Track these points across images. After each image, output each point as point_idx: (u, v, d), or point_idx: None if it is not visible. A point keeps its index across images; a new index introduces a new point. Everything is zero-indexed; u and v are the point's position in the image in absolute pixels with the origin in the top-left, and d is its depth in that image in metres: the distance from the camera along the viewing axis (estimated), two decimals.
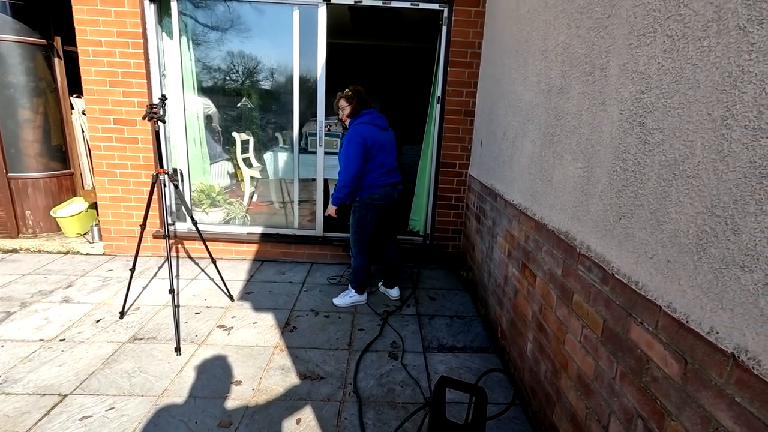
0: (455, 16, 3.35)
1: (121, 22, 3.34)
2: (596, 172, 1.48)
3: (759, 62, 0.85)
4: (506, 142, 2.59)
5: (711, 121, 0.97)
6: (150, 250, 3.83)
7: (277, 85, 4.07)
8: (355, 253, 2.98)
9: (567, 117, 1.75)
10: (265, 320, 2.80)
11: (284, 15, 3.44)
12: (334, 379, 2.22)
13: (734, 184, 0.90)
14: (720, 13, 0.96)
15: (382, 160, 2.78)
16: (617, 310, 1.31)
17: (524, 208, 2.19)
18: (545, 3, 2.06)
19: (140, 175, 3.65)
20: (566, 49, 1.79)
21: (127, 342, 2.48)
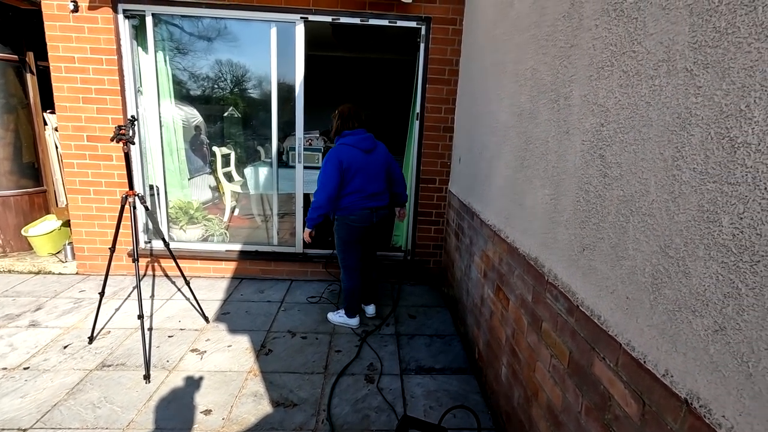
0: (433, 33, 3.37)
1: (95, 38, 3.29)
2: (562, 200, 1.48)
3: (704, 106, 0.85)
4: (483, 161, 2.60)
5: (663, 160, 0.97)
6: (126, 269, 3.74)
7: (256, 100, 4.04)
8: (342, 276, 2.94)
9: (536, 142, 1.75)
10: (240, 343, 2.75)
11: (262, 32, 3.43)
12: (308, 406, 2.17)
13: (684, 226, 0.89)
14: (669, 54, 0.96)
15: (360, 184, 2.70)
16: (582, 342, 1.30)
17: (498, 230, 2.19)
18: (517, 27, 2.07)
19: (115, 192, 3.57)
20: (534, 75, 1.80)
21: (94, 369, 2.40)
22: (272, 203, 3.94)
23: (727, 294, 0.78)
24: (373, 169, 2.76)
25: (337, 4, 3.27)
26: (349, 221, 2.78)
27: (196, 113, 4.30)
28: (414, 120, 3.63)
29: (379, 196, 2.83)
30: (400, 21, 3.36)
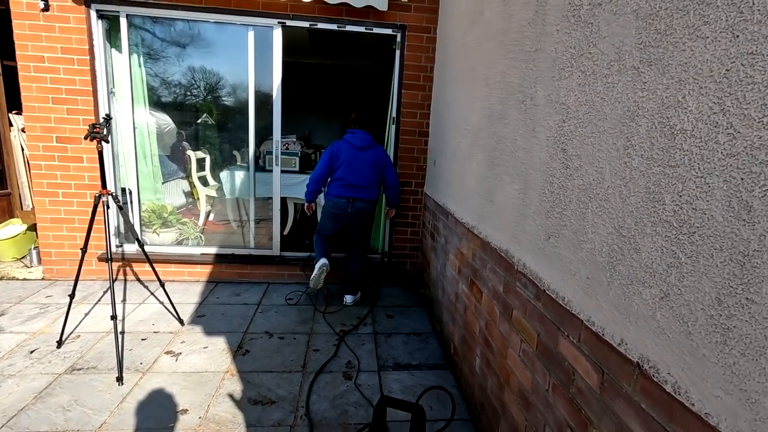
0: (408, 41, 3.48)
1: (66, 38, 3.24)
2: (530, 194, 1.58)
3: (649, 99, 0.95)
4: (456, 162, 2.70)
5: (616, 150, 1.07)
6: (95, 273, 3.64)
7: (233, 103, 4.05)
8: (314, 238, 3.39)
9: (506, 141, 1.85)
10: (216, 344, 2.72)
11: (239, 36, 3.46)
12: (287, 403, 2.18)
13: (635, 207, 0.99)
14: (620, 54, 1.07)
15: (343, 173, 3.11)
16: (549, 324, 1.39)
17: (472, 227, 2.28)
18: (486, 34, 2.19)
19: (85, 195, 3.49)
20: (503, 78, 1.91)
21: (64, 373, 2.34)
22: (248, 207, 3.93)
23: (670, 264, 0.88)
24: (359, 164, 3.11)
25: (314, 11, 3.34)
26: (328, 205, 3.22)
27: (168, 119, 4.25)
28: (390, 124, 3.72)
29: (359, 189, 3.12)
30: (376, 28, 3.45)
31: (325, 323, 3.09)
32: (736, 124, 0.74)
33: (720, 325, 0.75)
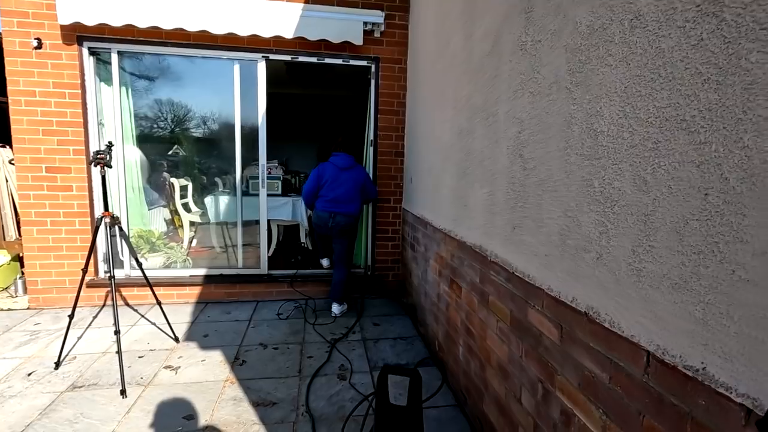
0: (382, 71, 3.83)
1: (59, 73, 3.40)
2: (497, 194, 1.87)
3: (579, 111, 1.26)
4: (431, 176, 3.00)
5: (559, 151, 1.37)
6: (82, 300, 3.66)
7: (220, 132, 4.26)
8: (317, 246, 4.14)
9: (474, 153, 2.16)
10: (213, 357, 2.84)
11: (226, 68, 3.71)
12: (286, 404, 2.33)
13: (575, 193, 1.28)
14: (557, 78, 1.39)
15: (327, 191, 3.50)
16: (519, 300, 1.65)
17: (448, 231, 2.55)
18: (453, 63, 2.53)
19: (74, 222, 3.57)
20: (469, 100, 2.24)
21: (65, 391, 2.40)
22: (231, 231, 4.10)
23: (601, 231, 1.16)
24: (341, 182, 3.48)
25: (295, 45, 3.65)
26: (313, 218, 3.66)
27: (140, 155, 4.41)
28: (368, 146, 4.02)
29: (340, 204, 3.47)
30: (352, 60, 3.79)
31: (315, 334, 3.25)
32: (633, 124, 1.04)
33: (635, 268, 1.03)
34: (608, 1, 1.14)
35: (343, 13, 3.58)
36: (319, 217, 3.52)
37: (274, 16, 3.44)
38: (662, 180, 0.95)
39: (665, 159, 0.94)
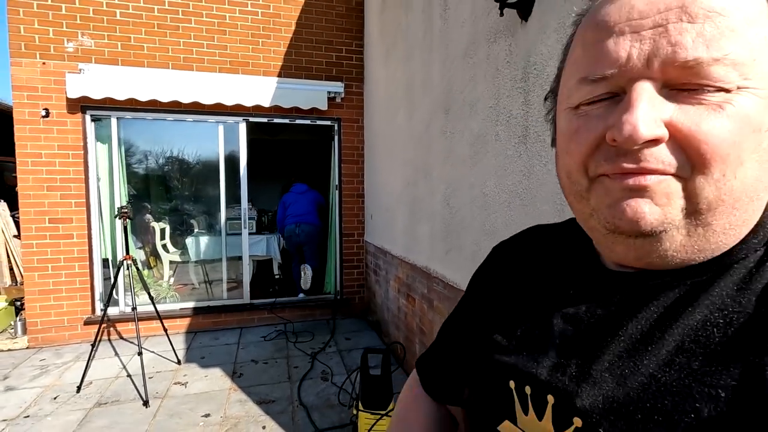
0: (343, 129, 4.67)
1: (63, 137, 3.93)
2: (435, 229, 2.70)
3: (476, 179, 2.12)
4: (388, 214, 3.81)
5: (468, 202, 2.21)
6: (79, 337, 4.06)
7: (205, 180, 4.88)
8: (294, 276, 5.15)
9: (419, 198, 3.00)
10: (214, 373, 3.38)
11: (212, 129, 4.39)
12: (283, 401, 2.94)
13: (478, 230, 2.12)
14: (464, 157, 2.25)
15: (291, 210, 4.92)
16: (452, 300, 2.45)
17: (404, 257, 3.35)
18: (400, 131, 3.40)
19: (74, 267, 4.01)
20: (413, 160, 3.10)
21: (93, 407, 2.87)
22: (208, 268, 4.68)
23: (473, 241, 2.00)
24: (300, 203, 4.87)
25: (271, 111, 4.42)
26: (284, 233, 5.00)
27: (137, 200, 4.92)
28: (334, 190, 4.80)
29: (302, 216, 4.85)
30: (318, 120, 4.61)
31: (297, 350, 3.86)
32: (502, 191, 1.90)
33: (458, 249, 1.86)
34: (486, 119, 2.03)
35: (311, 85, 4.42)
36: (289, 229, 4.86)
37: (254, 88, 4.21)
38: (515, 220, 1.80)
39: (515, 211, 1.79)
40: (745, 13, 0.31)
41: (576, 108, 0.37)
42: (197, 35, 4.20)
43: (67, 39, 3.90)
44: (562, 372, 0.40)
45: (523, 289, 0.50)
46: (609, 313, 0.40)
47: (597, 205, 0.37)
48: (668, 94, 0.33)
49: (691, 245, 0.35)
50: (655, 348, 0.35)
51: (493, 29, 1.94)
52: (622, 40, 0.33)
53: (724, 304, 0.34)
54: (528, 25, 1.71)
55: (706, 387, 0.32)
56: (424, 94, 2.83)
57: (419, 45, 2.90)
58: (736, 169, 0.32)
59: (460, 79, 2.30)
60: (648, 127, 0.31)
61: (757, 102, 0.31)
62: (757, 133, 0.32)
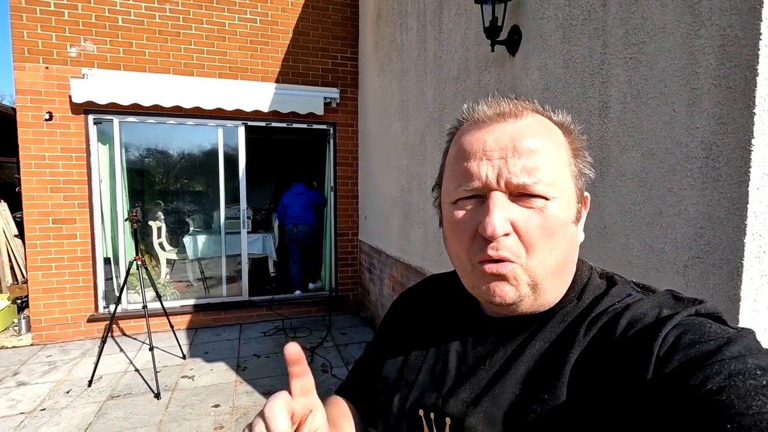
0: (338, 133, 4.87)
1: (66, 140, 4.03)
2: (428, 233, 2.94)
3: None
4: (382, 217, 4.04)
5: None
6: (83, 334, 4.19)
7: (204, 180, 5.02)
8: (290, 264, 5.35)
9: (413, 204, 3.24)
10: (219, 367, 3.58)
11: (212, 132, 4.54)
12: None
13: None
14: None
15: (289, 211, 5.16)
16: None
17: (398, 258, 3.59)
18: (395, 140, 3.63)
19: (77, 266, 4.13)
20: (408, 168, 3.33)
21: (106, 400, 3.04)
22: (204, 265, 4.83)
23: None
24: (297, 203, 5.13)
25: (269, 115, 4.59)
26: (286, 231, 5.29)
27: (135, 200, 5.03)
28: (329, 192, 5.00)
29: (300, 217, 5.13)
30: (315, 125, 4.80)
31: None
32: None
33: None
34: None
35: (308, 91, 4.60)
36: (288, 229, 5.23)
37: (253, 93, 4.37)
38: None
39: None
40: (549, 151, 0.47)
41: (455, 203, 0.51)
42: (197, 41, 4.34)
43: (69, 44, 3.99)
44: (455, 398, 0.52)
45: (423, 333, 0.63)
46: (487, 350, 0.54)
47: (476, 284, 0.50)
48: (513, 199, 0.47)
49: (536, 303, 0.50)
50: (513, 371, 0.49)
51: (484, 59, 2.18)
52: (481, 164, 0.47)
53: (552, 338, 0.50)
54: (515, 59, 1.95)
55: (540, 393, 0.46)
56: (419, 108, 3.06)
57: (414, 63, 3.12)
58: (553, 251, 0.47)
59: (452, 99, 2.53)
60: (501, 226, 0.45)
61: (563, 206, 0.48)
62: (564, 226, 0.48)
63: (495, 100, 0.52)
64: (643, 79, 1.30)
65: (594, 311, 0.49)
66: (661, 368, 0.40)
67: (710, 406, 0.35)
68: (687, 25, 1.16)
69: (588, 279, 0.54)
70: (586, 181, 0.52)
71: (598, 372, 0.44)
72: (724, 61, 1.08)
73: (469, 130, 0.51)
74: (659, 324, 0.43)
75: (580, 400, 0.44)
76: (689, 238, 1.18)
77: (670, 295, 0.48)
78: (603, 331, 0.47)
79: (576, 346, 0.47)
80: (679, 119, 1.20)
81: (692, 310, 0.44)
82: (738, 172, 1.07)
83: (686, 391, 0.37)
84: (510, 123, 0.49)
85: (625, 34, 1.36)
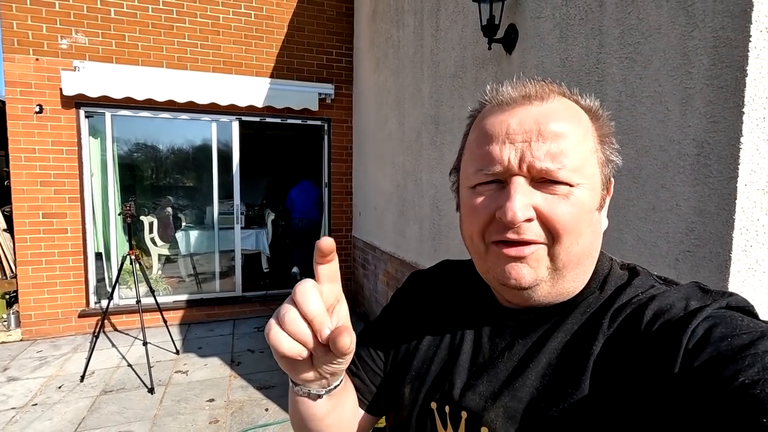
0: (333, 129, 4.87)
1: (57, 133, 3.98)
2: (424, 230, 2.97)
3: None
4: (377, 214, 4.06)
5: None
6: (74, 329, 4.15)
7: (197, 176, 4.99)
8: None
9: (408, 201, 3.26)
10: (213, 362, 3.58)
11: (205, 126, 4.51)
12: (283, 385, 3.18)
13: None
14: None
15: (296, 206, 5.66)
16: None
17: (393, 253, 3.62)
18: (391, 137, 3.65)
19: (68, 260, 4.09)
20: (404, 165, 3.35)
21: (99, 395, 3.03)
22: (196, 261, 4.82)
23: None
24: (302, 199, 5.60)
25: (263, 110, 4.57)
26: (292, 225, 5.77)
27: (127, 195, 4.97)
28: (324, 187, 5.01)
29: (303, 212, 5.61)
30: (309, 120, 4.80)
31: None
32: None
33: None
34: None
35: (303, 86, 4.59)
36: (293, 223, 5.72)
37: (247, 89, 4.35)
38: None
39: None
40: (576, 136, 0.45)
41: (474, 188, 0.49)
42: (191, 35, 4.30)
43: (60, 36, 3.93)
44: (472, 391, 0.50)
45: (436, 320, 0.60)
46: (505, 342, 0.52)
47: (491, 266, 0.48)
48: (535, 185, 0.45)
49: (554, 291, 0.48)
50: (534, 365, 0.48)
51: (481, 57, 2.21)
52: (503, 147, 0.46)
53: (574, 329, 0.48)
54: (512, 57, 1.99)
55: (563, 387, 0.44)
56: (415, 105, 3.08)
57: (410, 60, 3.14)
58: (578, 239, 0.45)
59: (449, 96, 2.56)
60: (522, 212, 0.43)
61: (588, 193, 0.46)
62: (590, 213, 0.46)
63: (521, 82, 0.50)
64: (638, 78, 1.34)
65: (617, 302, 0.47)
66: (690, 361, 0.38)
67: (744, 399, 0.33)
68: (681, 27, 1.21)
69: (609, 269, 0.52)
70: (613, 167, 0.50)
71: (624, 365, 0.43)
72: (716, 61, 1.12)
73: (492, 113, 0.49)
74: (688, 316, 0.41)
75: (604, 394, 0.42)
76: (681, 233, 1.23)
77: (697, 287, 0.46)
78: (627, 322, 0.45)
79: (599, 338, 0.45)
80: (673, 118, 1.24)
81: (723, 303, 0.43)
82: (728, 168, 1.11)
83: (718, 385, 0.35)
84: (535, 106, 0.47)
85: (621, 35, 1.40)
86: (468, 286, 0.61)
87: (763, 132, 1.09)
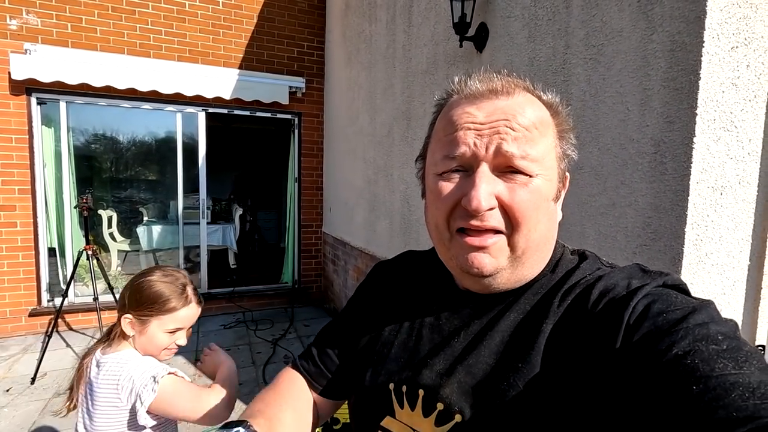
0: (303, 123, 4.80)
1: (6, 120, 3.72)
2: (394, 225, 2.98)
3: None
4: (348, 209, 4.04)
5: None
6: (24, 329, 3.91)
7: (160, 168, 4.79)
8: None
9: (379, 196, 3.26)
10: (177, 360, 3.46)
11: (169, 117, 4.34)
12: (250, 382, 3.12)
13: None
14: None
15: None
16: None
17: (363, 249, 3.61)
18: (362, 132, 3.64)
19: (17, 256, 3.84)
20: (375, 161, 3.35)
21: (52, 397, 2.87)
22: (159, 257, 4.65)
23: None
24: None
25: (231, 102, 4.45)
26: None
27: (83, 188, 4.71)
28: (293, 183, 4.93)
29: None
30: (279, 114, 4.71)
31: (258, 337, 4.02)
32: None
33: None
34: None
35: (273, 79, 4.50)
36: None
37: (214, 79, 4.22)
38: None
39: None
40: (540, 130, 0.48)
41: (440, 175, 0.51)
42: (155, 21, 4.12)
43: (9, 16, 3.67)
44: (429, 369, 0.52)
45: (398, 307, 0.63)
46: (462, 323, 0.54)
47: (455, 254, 0.50)
48: (497, 175, 0.47)
49: (513, 278, 0.51)
50: (487, 342, 0.50)
51: (453, 54, 2.24)
52: (469, 133, 0.48)
53: (527, 309, 0.51)
54: (483, 56, 2.02)
55: (514, 363, 0.47)
56: (386, 101, 3.08)
57: (383, 55, 3.14)
58: (537, 225, 0.48)
59: (420, 92, 2.58)
60: (486, 201, 0.45)
61: (546, 184, 0.49)
62: (546, 202, 0.49)
63: (487, 75, 0.52)
64: (602, 78, 1.39)
65: (567, 283, 0.51)
66: (631, 335, 0.41)
67: (677, 369, 0.36)
68: (641, 30, 1.26)
69: (561, 254, 0.56)
70: (569, 162, 0.53)
71: (572, 341, 0.45)
72: (673, 64, 1.18)
73: (460, 104, 0.51)
74: (630, 294, 0.45)
75: (554, 369, 0.45)
76: (638, 227, 1.29)
77: (638, 268, 0.50)
78: (576, 301, 0.48)
79: (550, 316, 0.48)
80: (633, 117, 1.30)
81: (660, 281, 0.46)
82: (681, 166, 1.18)
83: (654, 356, 0.38)
84: (502, 100, 0.49)
85: (586, 36, 1.45)
86: (429, 273, 0.65)
87: (714, 133, 1.16)
